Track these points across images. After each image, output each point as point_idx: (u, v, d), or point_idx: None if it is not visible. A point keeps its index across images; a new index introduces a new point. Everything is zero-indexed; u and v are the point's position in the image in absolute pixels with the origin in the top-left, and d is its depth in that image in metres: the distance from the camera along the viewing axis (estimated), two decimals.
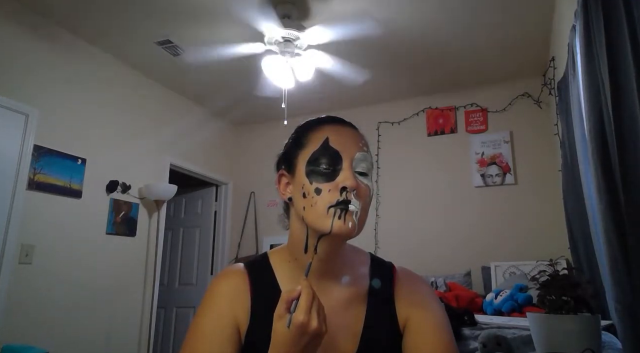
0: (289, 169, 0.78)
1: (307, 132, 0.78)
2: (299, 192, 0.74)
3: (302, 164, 0.74)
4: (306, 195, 0.72)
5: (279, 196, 0.83)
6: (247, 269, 0.81)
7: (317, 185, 0.71)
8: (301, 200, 0.73)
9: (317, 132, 0.76)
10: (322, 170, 0.72)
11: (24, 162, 2.74)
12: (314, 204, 0.71)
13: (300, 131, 0.80)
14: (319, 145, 0.74)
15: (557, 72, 2.93)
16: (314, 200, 0.71)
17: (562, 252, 2.91)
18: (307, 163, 0.74)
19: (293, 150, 0.78)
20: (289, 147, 0.80)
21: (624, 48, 1.19)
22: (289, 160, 0.78)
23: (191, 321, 0.78)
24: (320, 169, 0.72)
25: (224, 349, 0.72)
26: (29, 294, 2.73)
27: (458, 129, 4.05)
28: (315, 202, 0.71)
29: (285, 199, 0.79)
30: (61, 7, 2.86)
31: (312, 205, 0.71)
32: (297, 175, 0.75)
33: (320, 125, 0.78)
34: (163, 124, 3.99)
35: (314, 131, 0.77)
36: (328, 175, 0.72)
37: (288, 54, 2.94)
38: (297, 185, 0.74)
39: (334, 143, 0.74)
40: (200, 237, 4.70)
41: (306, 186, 0.72)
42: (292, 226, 0.80)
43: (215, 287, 0.79)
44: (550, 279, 1.24)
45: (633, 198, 1.17)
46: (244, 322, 0.75)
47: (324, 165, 0.72)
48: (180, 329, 4.43)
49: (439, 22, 3.02)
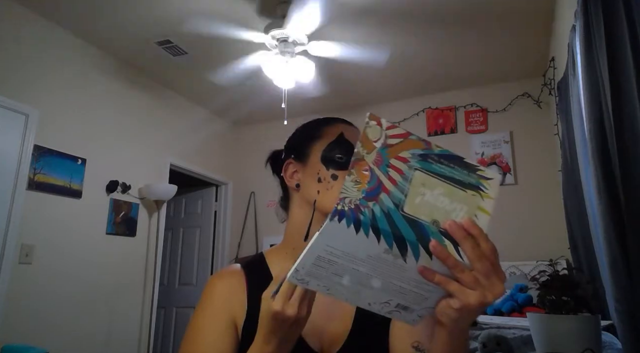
0: (299, 158, 0.84)
1: (322, 126, 0.86)
2: (312, 177, 0.80)
3: (318, 152, 0.81)
4: (322, 180, 0.79)
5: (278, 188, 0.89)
6: (244, 267, 0.85)
7: (334, 171, 0.78)
8: (315, 185, 0.79)
9: (332, 127, 0.85)
10: (338, 159, 0.79)
11: (24, 162, 2.75)
12: (330, 188, 0.78)
13: (312, 125, 0.88)
14: (335, 137, 0.82)
15: (557, 72, 2.93)
16: (330, 184, 0.78)
17: (562, 252, 2.92)
18: (324, 151, 0.81)
19: (306, 141, 0.85)
20: (301, 138, 0.87)
21: (624, 48, 1.19)
22: (300, 149, 0.85)
23: (189, 321, 0.80)
24: (336, 158, 0.79)
25: (220, 345, 0.74)
26: (29, 294, 2.73)
27: (458, 129, 4.05)
28: (332, 186, 0.77)
29: (293, 186, 0.84)
30: (61, 7, 2.86)
31: (327, 189, 0.78)
32: (311, 162, 0.82)
33: (334, 122, 0.86)
34: (163, 124, 3.99)
35: (329, 126, 0.85)
36: (343, 164, 0.79)
37: (288, 54, 2.94)
38: (311, 171, 0.81)
39: (348, 137, 0.82)
40: (200, 237, 4.70)
41: (322, 172, 0.79)
42: (293, 214, 0.84)
43: (211, 286, 0.82)
44: (550, 279, 1.24)
45: (633, 199, 1.17)
46: (241, 316, 0.78)
47: (339, 155, 0.79)
48: (180, 329, 4.43)
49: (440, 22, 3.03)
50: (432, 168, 0.50)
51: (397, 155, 0.50)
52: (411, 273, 0.51)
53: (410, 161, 0.50)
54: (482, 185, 0.51)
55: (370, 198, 0.48)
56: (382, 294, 0.54)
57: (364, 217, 0.48)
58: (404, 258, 0.50)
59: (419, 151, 0.50)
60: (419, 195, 0.49)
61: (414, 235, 0.49)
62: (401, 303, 0.55)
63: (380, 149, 0.49)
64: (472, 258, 0.49)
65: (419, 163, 0.50)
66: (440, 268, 0.50)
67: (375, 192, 0.48)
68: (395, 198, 0.49)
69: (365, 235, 0.48)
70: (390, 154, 0.50)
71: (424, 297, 0.54)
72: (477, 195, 0.51)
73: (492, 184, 0.52)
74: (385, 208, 0.48)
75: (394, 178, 0.49)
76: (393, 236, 0.48)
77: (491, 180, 0.52)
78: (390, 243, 0.48)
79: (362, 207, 0.48)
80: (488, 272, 0.49)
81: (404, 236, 0.49)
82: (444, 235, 0.50)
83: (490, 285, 0.50)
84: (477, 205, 0.51)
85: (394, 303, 0.55)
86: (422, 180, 0.50)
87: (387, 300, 0.55)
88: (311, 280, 0.54)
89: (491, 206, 0.52)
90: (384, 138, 0.50)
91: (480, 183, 0.51)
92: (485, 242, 0.50)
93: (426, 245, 0.49)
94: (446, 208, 0.50)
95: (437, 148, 0.51)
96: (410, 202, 0.49)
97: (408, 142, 0.50)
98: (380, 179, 0.49)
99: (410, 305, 0.55)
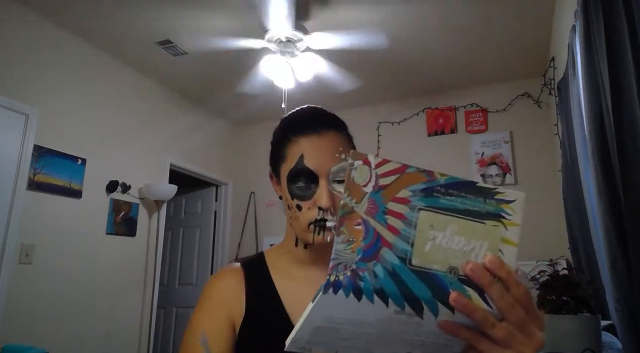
0: (275, 175, 0.83)
1: (286, 144, 0.78)
2: (285, 201, 0.79)
3: (284, 177, 0.78)
4: (290, 208, 0.77)
5: None
6: (243, 267, 0.85)
7: (298, 201, 0.76)
8: (287, 211, 0.79)
9: (294, 146, 0.77)
10: (300, 189, 0.75)
11: (24, 162, 2.75)
12: (296, 219, 0.76)
13: (279, 139, 0.81)
14: (295, 163, 0.75)
15: (557, 72, 2.93)
16: (296, 215, 0.76)
17: (562, 252, 2.92)
18: (287, 179, 0.77)
19: (275, 161, 0.82)
20: (272, 155, 0.83)
21: (624, 48, 1.19)
22: (274, 167, 0.83)
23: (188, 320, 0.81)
24: (297, 186, 0.76)
25: (217, 345, 0.75)
26: (29, 294, 2.73)
27: (458, 129, 4.05)
28: (297, 217, 0.76)
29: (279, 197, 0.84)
30: (61, 7, 2.86)
31: (295, 219, 0.77)
32: (282, 185, 0.79)
33: (297, 137, 0.77)
34: (163, 124, 3.99)
35: (292, 144, 0.77)
36: (306, 193, 0.75)
37: (288, 54, 2.94)
38: (283, 193, 0.79)
39: (309, 160, 0.74)
40: (200, 237, 4.70)
41: (289, 200, 0.77)
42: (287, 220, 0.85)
43: (210, 286, 0.83)
44: (550, 279, 1.24)
45: (633, 198, 1.17)
46: (239, 316, 0.78)
47: (301, 183, 0.75)
48: (180, 329, 4.43)
49: (439, 23, 3.02)
50: (439, 203, 0.42)
51: (394, 197, 0.41)
52: (430, 327, 0.43)
53: (411, 201, 0.41)
54: (504, 211, 0.43)
55: (369, 258, 0.40)
56: (400, 348, 0.47)
57: (365, 282, 0.39)
58: (421, 316, 0.41)
59: (421, 185, 0.42)
60: (429, 240, 0.41)
61: (429, 292, 0.40)
62: None
63: (372, 194, 0.41)
64: (503, 308, 0.41)
65: (422, 200, 0.42)
66: (465, 319, 0.42)
67: (373, 248, 0.40)
68: (399, 251, 0.40)
69: (370, 301, 0.39)
70: (385, 197, 0.41)
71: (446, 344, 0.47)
72: (499, 225, 0.43)
73: (516, 207, 0.44)
74: (389, 267, 0.40)
75: (395, 227, 0.41)
76: (403, 297, 0.40)
77: (514, 203, 0.43)
78: (401, 306, 0.40)
79: (361, 271, 0.39)
80: (523, 322, 0.41)
81: (416, 295, 0.40)
82: (465, 283, 0.41)
83: (528, 338, 0.42)
84: (500, 237, 0.43)
85: None
86: (430, 221, 0.41)
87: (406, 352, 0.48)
88: (314, 346, 0.46)
89: (517, 235, 0.44)
90: (374, 179, 0.41)
91: (501, 210, 0.43)
92: (516, 285, 0.42)
93: (445, 300, 0.40)
94: (463, 249, 0.42)
95: (442, 177, 0.42)
96: (419, 252, 0.41)
97: (405, 177, 0.42)
98: (378, 231, 0.40)
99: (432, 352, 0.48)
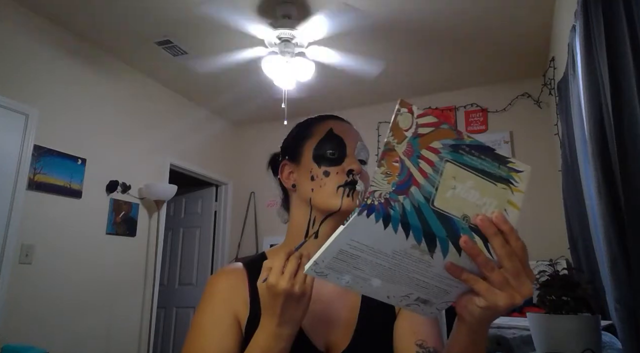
0: (293, 158, 0.85)
1: (312, 125, 0.86)
2: (306, 176, 0.80)
3: (309, 151, 0.81)
4: (314, 178, 0.79)
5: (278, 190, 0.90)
6: (245, 265, 0.85)
7: (326, 168, 0.78)
8: (309, 184, 0.80)
9: (321, 125, 0.85)
10: (329, 156, 0.79)
11: (24, 162, 2.74)
12: (322, 185, 0.78)
13: (304, 125, 0.88)
14: (324, 134, 0.82)
15: (557, 72, 2.93)
16: (323, 181, 0.78)
17: (562, 252, 2.91)
18: (314, 149, 0.81)
19: (298, 141, 0.85)
20: (293, 139, 0.87)
21: (624, 48, 1.19)
22: (293, 150, 0.85)
23: (191, 320, 0.80)
24: (327, 154, 0.79)
25: (223, 343, 0.74)
26: (29, 294, 2.73)
27: (458, 129, 4.05)
28: (325, 183, 0.77)
29: (290, 186, 0.85)
30: (61, 7, 2.86)
31: (321, 186, 0.78)
32: (304, 161, 0.82)
33: (323, 120, 0.86)
34: (163, 124, 3.99)
35: (319, 124, 0.85)
36: (334, 160, 0.79)
37: (288, 54, 2.93)
38: (304, 170, 0.81)
39: (338, 132, 0.82)
40: (200, 237, 4.70)
41: (315, 170, 0.79)
42: (293, 214, 0.85)
43: (212, 284, 0.83)
44: (550, 279, 1.24)
45: (633, 198, 1.17)
46: (244, 314, 0.78)
47: (330, 151, 0.80)
48: (180, 329, 4.43)
49: (439, 20, 3.03)
50: (463, 160, 0.48)
51: (428, 146, 0.47)
52: (436, 269, 0.49)
53: (441, 152, 0.47)
54: (513, 178, 0.49)
55: (401, 192, 0.45)
56: (403, 288, 0.52)
57: (394, 211, 0.44)
58: (431, 254, 0.47)
59: (451, 141, 0.48)
60: (450, 188, 0.47)
61: (444, 231, 0.46)
62: (421, 297, 0.54)
63: (412, 139, 0.46)
64: (502, 256, 0.47)
65: (450, 154, 0.47)
66: (468, 265, 0.48)
67: (405, 185, 0.45)
68: (425, 191, 0.46)
69: (394, 230, 0.45)
70: (421, 144, 0.46)
71: (446, 291, 0.52)
72: (507, 189, 0.49)
73: (522, 177, 0.50)
74: (415, 203, 0.45)
75: (425, 171, 0.46)
76: (423, 232, 0.46)
77: (522, 173, 0.50)
78: (419, 239, 0.46)
79: (392, 201, 0.45)
80: (517, 271, 0.47)
81: (434, 232, 0.46)
82: (474, 231, 0.47)
83: (519, 285, 0.47)
84: (507, 199, 0.49)
85: (414, 296, 0.54)
86: (453, 173, 0.47)
87: (407, 293, 0.53)
88: (330, 272, 0.51)
89: (521, 200, 0.50)
90: (415, 127, 0.47)
91: (511, 177, 0.49)
92: (515, 239, 0.48)
93: (456, 241, 0.46)
94: (477, 202, 0.48)
95: (469, 138, 0.49)
96: (441, 196, 0.46)
97: (440, 131, 0.47)
98: (411, 171, 0.46)
99: (430, 298, 0.54)
